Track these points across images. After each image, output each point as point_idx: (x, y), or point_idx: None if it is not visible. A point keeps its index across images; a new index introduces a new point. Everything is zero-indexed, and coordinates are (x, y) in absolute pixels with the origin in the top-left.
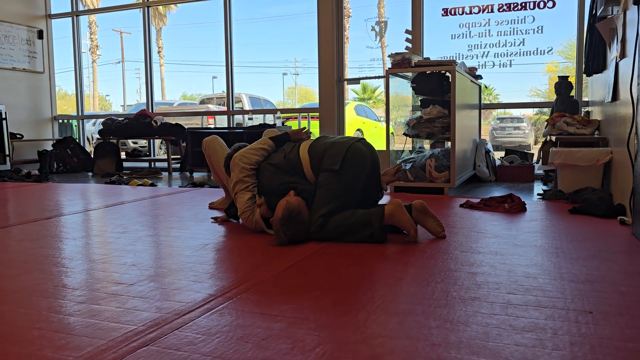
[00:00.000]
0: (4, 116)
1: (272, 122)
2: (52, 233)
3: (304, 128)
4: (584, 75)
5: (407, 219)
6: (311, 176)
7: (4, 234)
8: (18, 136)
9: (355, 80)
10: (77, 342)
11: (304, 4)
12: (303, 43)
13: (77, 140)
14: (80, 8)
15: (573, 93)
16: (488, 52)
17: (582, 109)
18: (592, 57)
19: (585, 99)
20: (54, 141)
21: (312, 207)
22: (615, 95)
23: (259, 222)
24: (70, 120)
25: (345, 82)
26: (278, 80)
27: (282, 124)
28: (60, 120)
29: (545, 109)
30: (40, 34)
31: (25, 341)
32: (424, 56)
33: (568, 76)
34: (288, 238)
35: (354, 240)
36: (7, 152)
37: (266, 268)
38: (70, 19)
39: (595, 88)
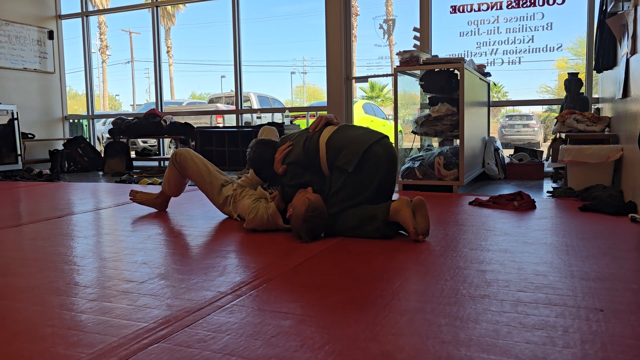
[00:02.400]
0: (15, 116)
1: (280, 121)
2: (64, 231)
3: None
4: (594, 72)
5: (410, 217)
6: (326, 170)
7: (17, 232)
8: (29, 136)
9: (364, 79)
10: (89, 339)
11: (311, 2)
12: (311, 42)
13: (88, 140)
14: (90, 8)
15: (583, 90)
16: (497, 49)
17: (592, 106)
18: (603, 53)
19: (595, 95)
20: (65, 141)
21: (328, 198)
22: (625, 92)
23: (275, 216)
24: (81, 120)
25: (354, 80)
26: (286, 79)
27: (291, 122)
28: (71, 120)
29: (555, 106)
30: (50, 35)
31: (38, 338)
32: (433, 54)
33: (578, 73)
34: (310, 234)
35: (361, 235)
36: (19, 152)
37: (275, 266)
38: (80, 19)
39: (606, 85)
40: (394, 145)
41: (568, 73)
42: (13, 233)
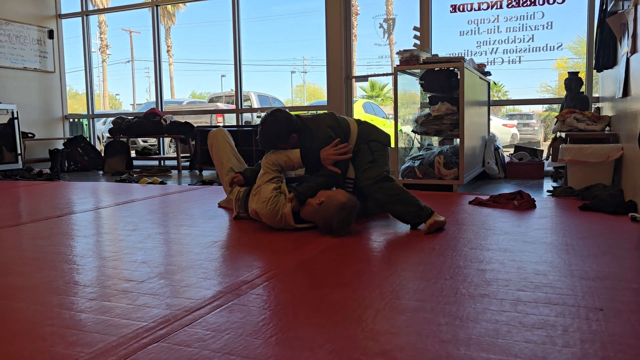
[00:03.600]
0: (15, 116)
1: None
2: (64, 231)
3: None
4: (594, 71)
5: (437, 225)
6: (353, 142)
7: (17, 232)
8: (30, 135)
9: (364, 78)
10: (89, 338)
11: (311, 1)
12: (311, 41)
13: (88, 139)
14: (90, 8)
15: (583, 89)
16: (497, 48)
17: (593, 105)
18: (603, 52)
19: (595, 95)
20: (65, 140)
21: (367, 168)
22: (626, 91)
23: (288, 216)
24: (81, 120)
25: (354, 79)
26: (286, 79)
27: None
28: (71, 120)
29: (555, 106)
30: (50, 34)
31: (38, 337)
32: (433, 53)
33: (578, 72)
34: (343, 221)
35: (400, 210)
36: (19, 151)
37: (275, 265)
38: (80, 18)
39: (606, 84)
40: (393, 144)
41: (568, 72)
42: (13, 232)
